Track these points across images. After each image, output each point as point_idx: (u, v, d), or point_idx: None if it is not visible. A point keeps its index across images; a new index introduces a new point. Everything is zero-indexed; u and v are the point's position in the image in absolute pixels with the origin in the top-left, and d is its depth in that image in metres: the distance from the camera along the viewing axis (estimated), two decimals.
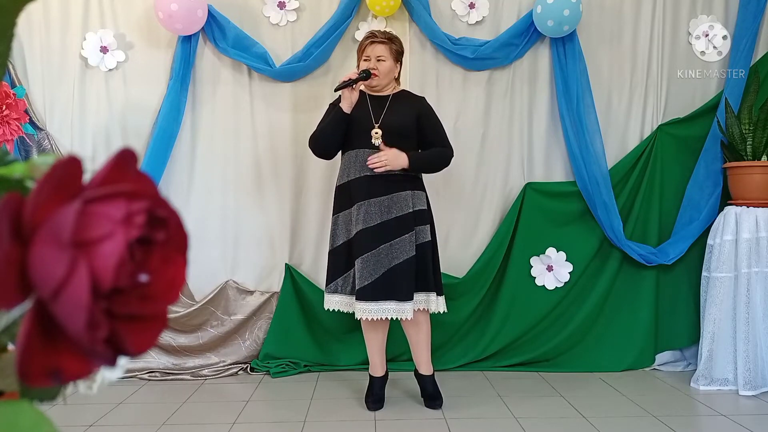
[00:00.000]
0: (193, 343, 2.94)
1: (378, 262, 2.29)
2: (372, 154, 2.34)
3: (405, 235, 2.32)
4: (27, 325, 0.27)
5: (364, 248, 2.31)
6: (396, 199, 2.33)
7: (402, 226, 2.32)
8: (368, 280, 2.29)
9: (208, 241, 2.98)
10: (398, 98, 2.47)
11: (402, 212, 2.33)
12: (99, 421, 2.32)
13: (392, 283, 2.28)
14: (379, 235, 2.30)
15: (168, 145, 2.90)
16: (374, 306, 2.28)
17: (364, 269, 2.30)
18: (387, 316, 2.29)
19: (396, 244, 2.31)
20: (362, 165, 2.35)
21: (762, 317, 2.64)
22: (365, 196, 2.33)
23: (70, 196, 0.28)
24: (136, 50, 2.97)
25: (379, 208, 2.32)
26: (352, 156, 2.39)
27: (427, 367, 2.47)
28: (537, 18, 2.86)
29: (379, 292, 2.28)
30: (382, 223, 2.31)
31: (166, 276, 0.30)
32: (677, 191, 3.05)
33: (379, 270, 2.29)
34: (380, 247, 2.30)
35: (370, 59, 2.39)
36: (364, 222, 2.32)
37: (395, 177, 2.35)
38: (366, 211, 2.32)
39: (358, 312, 2.30)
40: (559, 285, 3.01)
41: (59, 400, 0.31)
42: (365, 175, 2.34)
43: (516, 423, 2.27)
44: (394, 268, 2.29)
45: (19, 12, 0.33)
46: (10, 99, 2.52)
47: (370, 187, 2.33)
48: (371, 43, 2.40)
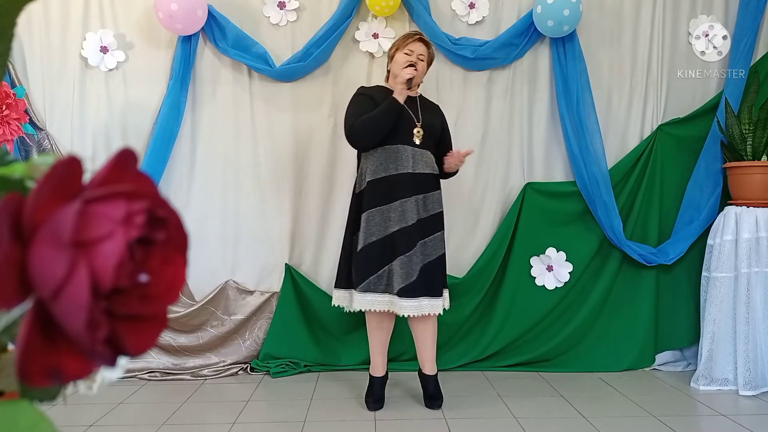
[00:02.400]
0: (193, 343, 2.94)
1: (416, 260, 2.33)
2: (414, 151, 2.38)
3: (437, 233, 2.41)
4: (27, 325, 0.27)
5: (405, 247, 2.33)
6: (430, 198, 2.41)
7: (436, 223, 2.41)
8: (412, 278, 2.31)
9: (208, 241, 2.98)
10: (423, 101, 2.55)
11: (435, 210, 2.42)
12: (99, 421, 2.32)
13: (428, 279, 2.34)
14: (417, 234, 2.35)
15: (168, 145, 2.90)
16: (415, 303, 2.31)
17: (407, 267, 2.32)
18: (424, 312, 2.32)
19: (430, 242, 2.38)
20: (405, 161, 2.37)
21: (762, 317, 2.64)
22: (409, 192, 2.36)
23: (70, 196, 0.28)
24: (136, 50, 2.97)
25: (416, 205, 2.37)
26: (393, 151, 2.38)
27: (431, 366, 2.47)
28: (537, 18, 2.87)
29: (418, 289, 2.32)
30: (419, 220, 2.36)
31: (166, 276, 0.30)
32: (677, 191, 3.05)
33: (417, 267, 2.33)
34: (417, 245, 2.34)
35: (412, 54, 2.42)
36: (405, 220, 2.34)
37: (430, 176, 2.42)
38: (409, 208, 2.35)
39: (401, 309, 2.31)
40: (559, 285, 3.01)
41: (59, 400, 0.31)
42: (408, 171, 2.36)
43: (516, 423, 2.28)
44: (429, 265, 2.35)
45: (19, 12, 0.33)
46: (10, 99, 2.52)
47: (414, 184, 2.37)
48: (418, 40, 2.45)
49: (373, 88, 2.54)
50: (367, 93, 2.47)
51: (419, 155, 2.39)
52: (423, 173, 2.39)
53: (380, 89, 2.50)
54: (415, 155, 2.38)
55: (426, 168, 2.41)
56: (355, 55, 3.03)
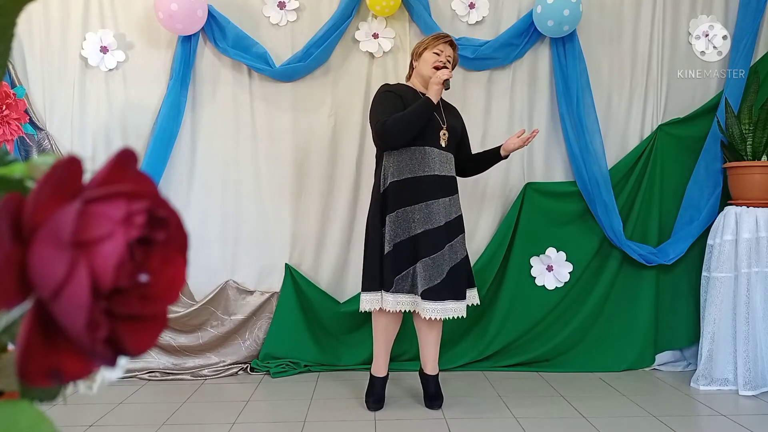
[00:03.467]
0: (193, 343, 2.94)
1: (443, 263, 2.32)
2: (441, 154, 2.38)
3: (461, 235, 2.42)
4: (27, 325, 0.27)
5: (431, 249, 2.31)
6: (454, 200, 2.41)
7: (459, 226, 2.42)
8: (437, 280, 2.30)
9: (208, 241, 2.98)
10: (444, 103, 2.55)
11: (458, 213, 2.43)
12: (99, 421, 2.32)
13: (454, 282, 2.33)
14: (444, 236, 2.34)
15: (168, 145, 2.90)
16: (440, 306, 2.30)
17: (432, 269, 2.30)
18: (449, 315, 2.31)
19: (455, 245, 2.38)
20: (431, 163, 2.36)
21: (762, 317, 2.64)
22: (435, 195, 2.35)
23: (70, 196, 0.28)
24: (136, 50, 2.97)
25: (444, 208, 2.36)
26: (420, 152, 2.36)
27: (433, 366, 2.47)
28: (537, 18, 2.87)
29: (444, 291, 2.31)
30: (446, 223, 2.36)
31: (166, 276, 0.30)
32: (677, 191, 3.05)
33: (444, 270, 2.32)
34: (445, 247, 2.33)
35: (441, 55, 2.41)
36: (430, 222, 2.33)
37: (454, 179, 2.44)
38: (436, 211, 2.34)
39: (426, 312, 2.29)
40: (559, 285, 3.01)
41: (59, 400, 0.31)
42: (434, 174, 2.36)
43: (516, 423, 2.28)
44: (455, 268, 2.35)
45: (19, 12, 0.33)
46: (10, 99, 2.52)
47: (441, 186, 2.36)
48: (448, 42, 2.44)
49: (399, 87, 2.47)
50: (395, 91, 2.42)
51: (445, 158, 2.40)
52: (449, 176, 2.41)
53: (406, 88, 2.46)
54: (442, 158, 2.38)
55: (451, 171, 2.43)
56: (355, 55, 3.03)
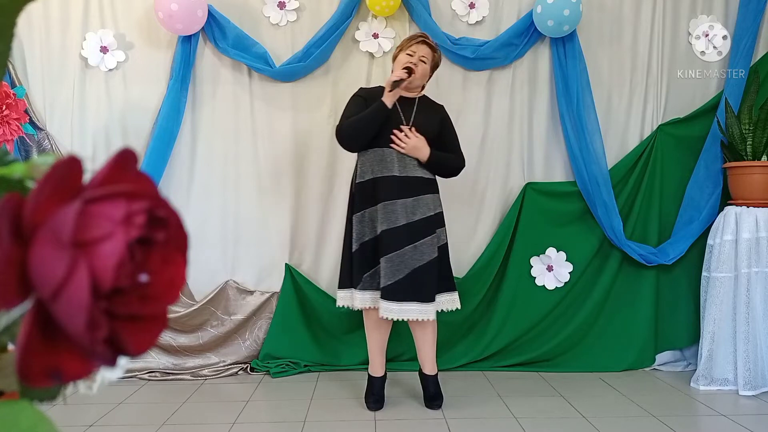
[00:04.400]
0: (193, 343, 2.94)
1: (402, 263, 2.30)
2: (401, 156, 2.36)
3: (428, 238, 2.35)
4: (27, 325, 0.27)
5: (389, 248, 2.31)
6: (420, 201, 2.37)
7: (426, 228, 2.36)
8: (392, 280, 2.29)
9: (208, 241, 2.98)
10: (423, 102, 2.52)
11: (425, 215, 2.37)
12: (99, 421, 2.32)
13: (416, 284, 2.30)
14: (405, 236, 2.32)
15: (168, 145, 2.90)
16: (397, 306, 2.28)
17: (388, 268, 2.30)
18: (410, 317, 2.29)
19: (420, 246, 2.33)
20: (389, 164, 2.36)
21: (762, 317, 2.64)
22: (393, 196, 2.34)
23: (70, 197, 0.28)
24: (136, 50, 2.97)
25: (405, 209, 2.34)
26: (378, 154, 2.38)
27: (431, 366, 2.47)
28: (537, 18, 2.86)
29: (403, 293, 2.28)
30: (407, 224, 2.33)
31: (166, 276, 0.30)
32: (677, 191, 3.05)
33: (403, 270, 2.30)
34: (405, 248, 2.31)
35: (414, 55, 2.41)
36: (388, 222, 2.33)
37: (420, 180, 2.39)
38: (392, 211, 2.33)
39: (382, 311, 2.30)
40: (559, 285, 3.01)
41: (59, 400, 0.31)
42: (393, 174, 2.35)
43: (516, 423, 2.27)
44: (418, 270, 2.31)
45: (19, 12, 0.33)
46: (10, 99, 2.52)
47: (399, 188, 2.35)
48: (421, 42, 2.44)
49: (372, 89, 2.52)
50: (362, 95, 2.47)
51: (408, 158, 2.37)
52: (412, 176, 2.36)
53: (381, 90, 2.48)
54: (403, 158, 2.36)
55: (416, 171, 2.38)
56: (355, 55, 3.03)
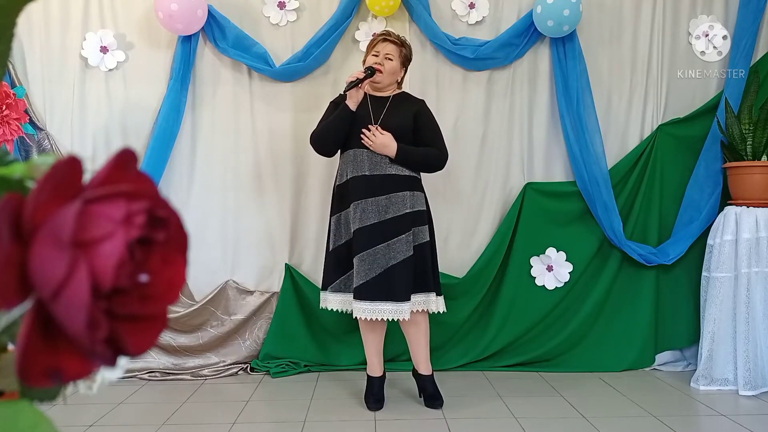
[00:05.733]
0: (193, 343, 2.94)
1: (375, 262, 2.29)
2: (371, 154, 2.35)
3: (402, 236, 2.32)
4: (27, 325, 0.27)
5: (361, 246, 2.31)
6: (393, 199, 2.34)
7: (399, 226, 2.32)
8: (364, 279, 2.29)
9: (208, 241, 2.98)
10: (398, 99, 2.48)
11: (399, 212, 2.33)
12: (99, 421, 2.32)
13: (389, 283, 2.28)
14: (377, 235, 2.30)
15: (168, 145, 2.90)
16: (370, 306, 2.28)
17: (361, 267, 2.30)
18: (383, 317, 2.29)
19: (393, 245, 2.31)
20: (360, 164, 2.36)
21: (762, 317, 2.64)
22: (363, 195, 2.33)
23: (70, 197, 0.28)
24: (136, 50, 2.97)
25: (376, 207, 2.32)
26: (350, 155, 2.39)
27: (426, 366, 2.47)
28: (537, 18, 2.86)
29: (376, 292, 2.27)
30: (379, 222, 2.32)
31: (166, 276, 0.30)
32: (677, 191, 3.05)
33: (375, 269, 2.29)
34: (377, 246, 2.30)
35: (379, 55, 2.41)
36: (360, 221, 2.33)
37: (394, 177, 2.35)
38: (363, 210, 2.32)
39: (356, 311, 2.31)
40: (559, 285, 3.01)
41: (59, 400, 0.31)
42: (363, 174, 2.35)
43: (516, 423, 2.27)
44: (391, 269, 2.29)
45: (19, 12, 0.33)
46: (10, 99, 2.52)
47: (368, 187, 2.34)
48: (384, 40, 2.44)
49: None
50: (335, 100, 2.49)
51: (376, 157, 2.35)
52: (383, 174, 2.34)
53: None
54: (374, 157, 2.35)
55: (389, 169, 2.35)
56: (355, 55, 3.03)
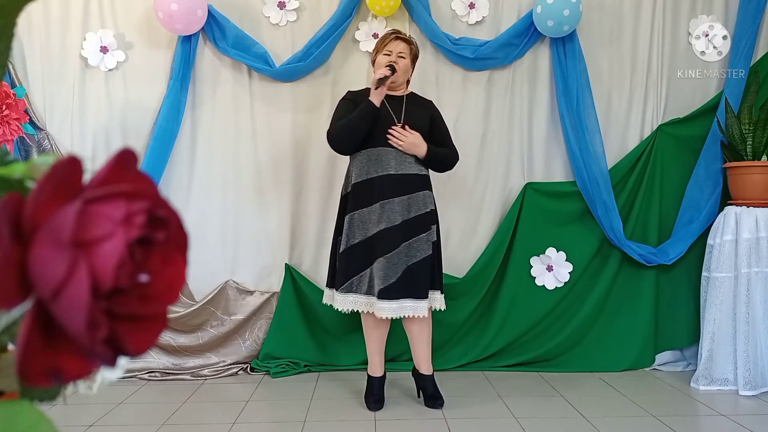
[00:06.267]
0: (193, 343, 2.94)
1: (399, 261, 2.32)
2: (397, 153, 2.37)
3: (423, 234, 2.37)
4: (27, 325, 0.27)
5: (387, 248, 2.32)
6: (415, 198, 2.38)
7: (421, 225, 2.37)
8: (392, 279, 2.30)
9: (208, 241, 2.98)
10: (411, 99, 2.52)
11: (420, 211, 2.38)
12: (99, 421, 2.32)
13: (411, 281, 2.32)
14: (401, 234, 2.33)
15: (168, 145, 2.90)
16: (395, 305, 2.30)
17: (388, 268, 2.31)
18: (405, 314, 2.31)
19: (414, 243, 2.35)
20: (385, 163, 2.36)
21: (762, 317, 2.64)
22: (389, 194, 2.34)
23: (70, 197, 0.28)
24: (136, 50, 2.97)
25: (401, 206, 2.35)
26: (374, 154, 2.38)
27: (427, 366, 2.47)
28: (537, 18, 2.86)
29: (399, 290, 2.30)
30: (404, 222, 2.34)
31: (166, 276, 0.30)
32: (677, 191, 3.05)
33: (399, 269, 2.31)
34: (401, 246, 2.33)
35: (392, 54, 2.41)
36: (387, 221, 2.33)
37: (415, 176, 2.39)
38: (390, 210, 2.34)
39: (379, 311, 2.30)
40: (559, 285, 3.01)
41: (59, 400, 0.31)
42: (389, 173, 2.36)
43: (516, 423, 2.27)
44: (412, 266, 2.33)
45: (19, 12, 0.33)
46: (10, 99, 2.52)
47: (395, 186, 2.35)
48: (396, 38, 2.45)
49: (360, 91, 2.53)
50: (350, 98, 2.49)
51: (404, 156, 2.38)
52: (407, 174, 2.37)
53: (367, 92, 2.47)
54: (399, 156, 2.37)
55: (411, 168, 2.39)
56: (355, 55, 3.03)
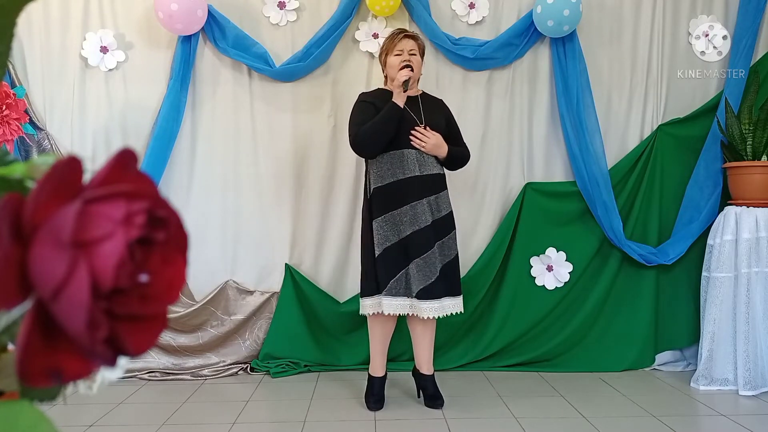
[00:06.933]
0: (193, 343, 2.94)
1: (435, 261, 2.33)
2: (419, 154, 2.37)
3: (451, 233, 2.42)
4: (27, 325, 0.27)
5: (422, 249, 2.32)
6: (441, 198, 2.41)
7: (448, 224, 2.41)
8: (431, 279, 2.31)
9: (208, 241, 2.98)
10: (426, 99, 2.52)
11: (447, 211, 2.42)
12: (99, 421, 2.32)
13: (448, 279, 2.35)
14: (433, 234, 2.35)
15: (168, 145, 2.90)
16: (436, 304, 2.31)
17: (426, 268, 2.32)
18: (448, 312, 2.33)
19: (446, 242, 2.39)
20: (410, 165, 2.36)
21: (762, 317, 2.64)
22: (417, 195, 2.35)
23: (70, 197, 0.28)
24: (136, 50, 2.97)
25: (430, 207, 2.36)
26: (398, 155, 2.37)
27: (428, 366, 2.47)
28: (537, 18, 2.86)
29: (440, 289, 2.32)
30: (433, 222, 2.36)
31: (166, 276, 0.30)
32: (677, 191, 3.05)
33: (437, 268, 2.33)
34: (433, 247, 2.34)
35: (403, 53, 2.41)
36: (418, 223, 2.33)
37: (437, 176, 2.41)
38: (421, 211, 2.34)
39: (423, 312, 2.30)
40: (559, 285, 3.01)
41: (59, 400, 0.31)
42: (415, 174, 2.36)
43: (516, 423, 2.27)
44: (447, 265, 2.36)
45: (19, 12, 0.33)
46: (10, 99, 2.52)
47: (422, 187, 2.36)
48: (404, 37, 2.44)
49: (374, 93, 2.52)
50: (368, 100, 2.46)
51: (425, 157, 2.39)
52: (431, 174, 2.39)
53: (381, 93, 2.48)
54: (421, 157, 2.38)
55: (434, 168, 2.41)
56: (355, 55, 3.03)
